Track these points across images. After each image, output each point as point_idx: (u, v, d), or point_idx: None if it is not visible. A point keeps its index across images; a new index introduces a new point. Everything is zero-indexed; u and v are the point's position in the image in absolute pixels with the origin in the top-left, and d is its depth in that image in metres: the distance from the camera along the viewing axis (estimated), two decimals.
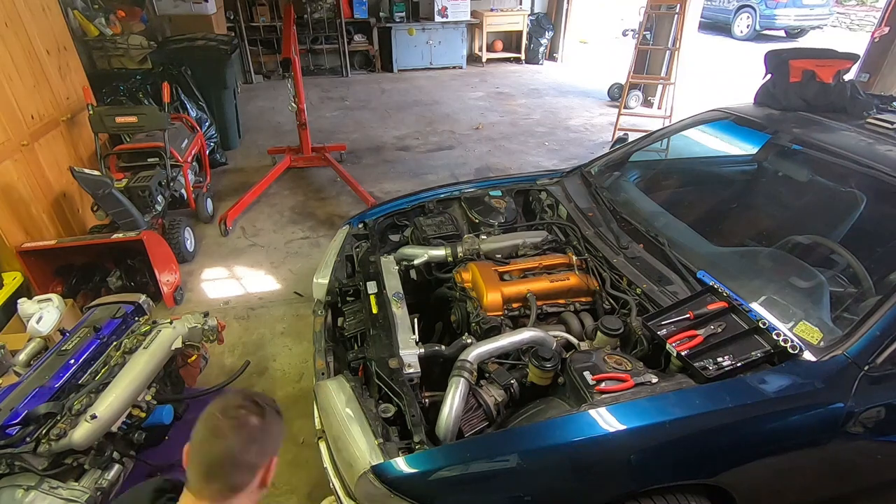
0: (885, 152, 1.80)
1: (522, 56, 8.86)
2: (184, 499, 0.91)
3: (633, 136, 2.95)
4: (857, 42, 9.12)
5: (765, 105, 2.35)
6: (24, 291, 2.75)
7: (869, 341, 1.37)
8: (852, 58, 2.25)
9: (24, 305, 2.53)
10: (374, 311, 1.76)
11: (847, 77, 2.24)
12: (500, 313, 1.77)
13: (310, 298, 2.47)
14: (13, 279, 2.70)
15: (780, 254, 1.93)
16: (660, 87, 6.32)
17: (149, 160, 3.48)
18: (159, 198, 3.34)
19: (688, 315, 1.53)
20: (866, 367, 1.35)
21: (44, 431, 1.54)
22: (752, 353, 1.39)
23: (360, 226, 2.34)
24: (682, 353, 1.41)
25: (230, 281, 3.28)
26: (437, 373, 1.61)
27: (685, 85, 5.88)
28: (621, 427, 1.25)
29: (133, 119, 3.35)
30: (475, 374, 1.46)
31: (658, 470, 1.31)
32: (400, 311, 1.71)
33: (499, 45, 8.99)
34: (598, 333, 1.61)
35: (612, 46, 8.76)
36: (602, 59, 8.80)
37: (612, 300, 1.80)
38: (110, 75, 4.39)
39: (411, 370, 1.49)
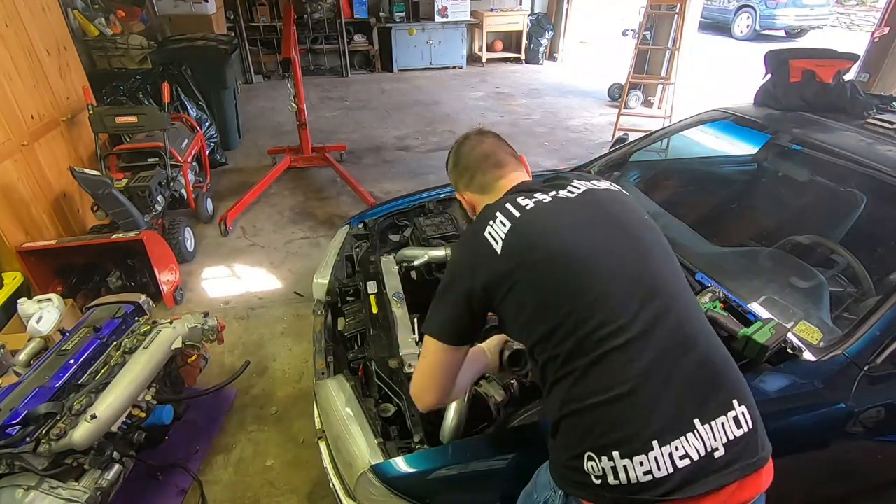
0: (885, 152, 1.80)
1: (522, 56, 8.87)
2: (482, 201, 1.19)
3: (633, 136, 2.95)
4: (857, 42, 9.12)
5: (765, 105, 2.34)
6: (24, 291, 2.75)
7: (869, 341, 1.37)
8: (852, 58, 2.25)
9: (24, 305, 2.53)
10: (374, 311, 1.76)
11: (847, 77, 2.24)
12: None
13: (310, 298, 2.47)
14: (13, 279, 2.70)
15: (780, 254, 1.93)
16: (660, 87, 6.32)
17: (149, 160, 3.48)
18: (159, 198, 3.34)
19: None
20: (866, 367, 1.35)
21: (44, 431, 1.54)
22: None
23: (360, 226, 2.34)
24: None
25: (230, 281, 3.28)
26: None
27: (685, 85, 5.87)
28: None
29: (133, 119, 3.34)
30: None
31: None
32: (400, 311, 1.71)
33: (499, 45, 9.00)
34: None
35: (612, 46, 8.76)
36: (602, 59, 8.80)
37: None
38: (110, 75, 4.39)
39: (411, 370, 1.49)
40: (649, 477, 0.85)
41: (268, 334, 2.81)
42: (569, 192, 1.08)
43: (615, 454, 0.87)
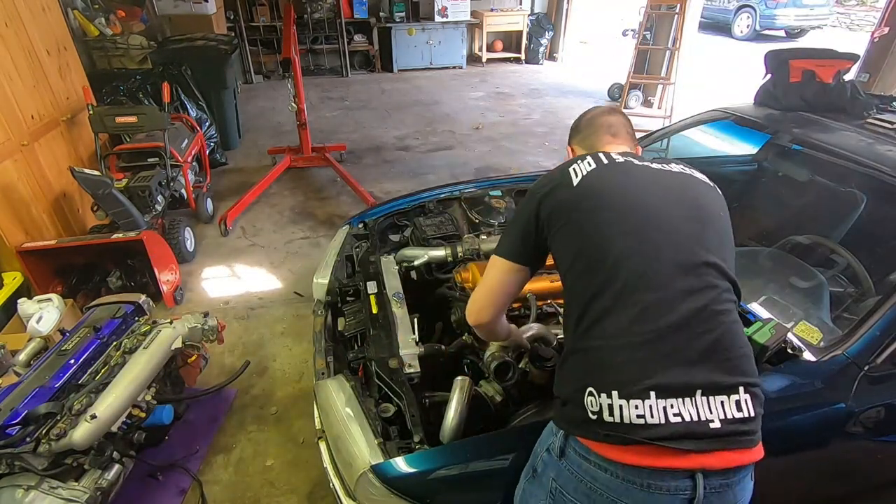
0: (885, 152, 1.80)
1: (522, 56, 8.87)
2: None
3: None
4: (857, 42, 9.12)
5: (765, 105, 2.34)
6: (24, 291, 2.75)
7: (869, 341, 1.37)
8: (852, 58, 2.25)
9: (24, 305, 2.53)
10: (374, 311, 1.76)
11: (847, 77, 2.24)
12: None
13: (310, 298, 2.47)
14: (13, 279, 2.70)
15: (780, 254, 1.94)
16: (660, 87, 6.32)
17: (149, 160, 3.48)
18: (159, 198, 3.34)
19: None
20: (866, 367, 1.35)
21: (44, 431, 1.54)
22: None
23: (360, 226, 2.34)
24: None
25: (230, 281, 3.28)
26: (437, 372, 1.61)
27: (685, 85, 5.88)
28: None
29: (133, 119, 3.35)
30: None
31: None
32: (400, 311, 1.71)
33: (499, 45, 9.00)
34: None
35: (612, 46, 8.77)
36: (602, 59, 8.81)
37: None
38: (110, 75, 4.39)
39: (411, 370, 1.49)
40: (641, 420, 0.90)
41: (268, 334, 2.81)
42: (662, 165, 1.15)
43: (614, 393, 0.92)
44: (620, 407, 0.91)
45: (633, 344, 0.95)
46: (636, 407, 0.90)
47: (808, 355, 1.39)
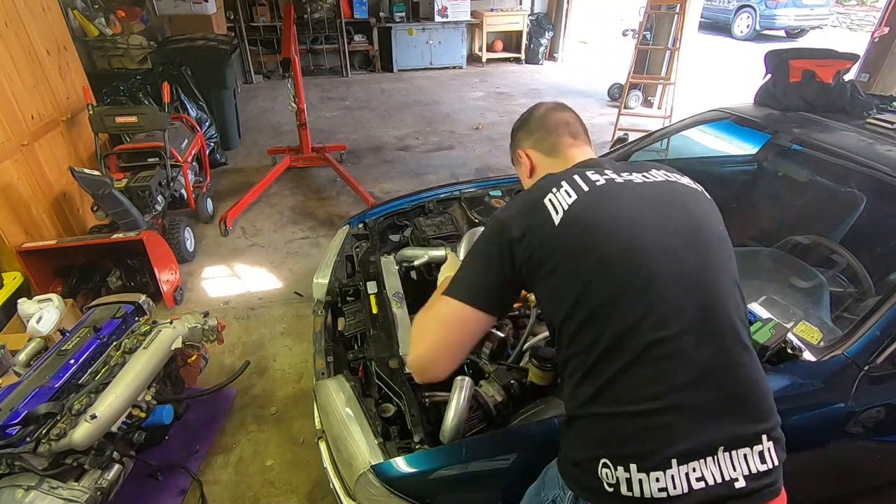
0: (885, 152, 1.80)
1: (522, 56, 8.87)
2: (545, 165, 1.16)
3: (633, 136, 2.95)
4: (857, 42, 9.12)
5: (765, 105, 2.34)
6: (24, 291, 2.75)
7: (869, 341, 1.37)
8: (852, 58, 2.25)
9: (24, 305, 2.53)
10: (374, 311, 1.76)
11: (847, 77, 2.24)
12: None
13: (310, 298, 2.47)
14: (13, 279, 2.70)
15: (780, 254, 1.94)
16: (660, 87, 6.32)
17: (149, 160, 3.48)
18: (159, 198, 3.34)
19: None
20: (866, 367, 1.35)
21: (44, 431, 1.54)
22: None
23: (360, 226, 2.34)
24: None
25: (230, 281, 3.28)
26: None
27: (685, 85, 5.87)
28: None
29: (133, 119, 3.34)
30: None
31: None
32: (400, 311, 1.71)
33: (499, 45, 9.00)
34: None
35: (612, 46, 8.77)
36: (602, 59, 8.80)
37: None
38: (110, 75, 4.39)
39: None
40: (663, 494, 0.83)
41: (268, 334, 2.81)
42: (644, 177, 1.02)
43: (632, 466, 0.84)
44: (640, 481, 0.83)
45: (650, 411, 0.85)
46: (657, 480, 0.82)
47: (808, 355, 1.39)
